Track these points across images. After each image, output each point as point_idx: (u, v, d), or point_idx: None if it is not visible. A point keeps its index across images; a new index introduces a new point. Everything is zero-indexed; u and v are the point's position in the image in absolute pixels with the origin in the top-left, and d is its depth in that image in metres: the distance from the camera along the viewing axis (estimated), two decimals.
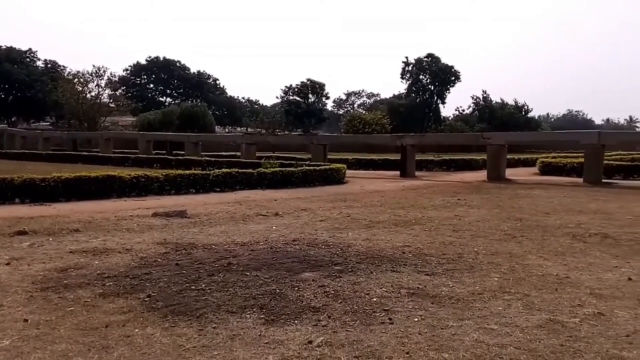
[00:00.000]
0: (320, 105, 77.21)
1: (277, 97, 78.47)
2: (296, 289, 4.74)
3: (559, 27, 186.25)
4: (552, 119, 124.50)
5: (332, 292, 4.65)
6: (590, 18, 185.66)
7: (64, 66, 67.11)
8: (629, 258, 6.10)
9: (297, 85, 73.68)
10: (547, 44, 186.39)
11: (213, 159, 22.28)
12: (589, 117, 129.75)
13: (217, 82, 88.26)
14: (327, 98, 79.91)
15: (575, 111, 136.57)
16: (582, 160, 19.08)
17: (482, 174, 19.84)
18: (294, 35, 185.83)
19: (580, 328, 3.76)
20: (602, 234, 7.69)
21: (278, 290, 4.67)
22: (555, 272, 5.39)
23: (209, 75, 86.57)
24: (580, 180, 17.48)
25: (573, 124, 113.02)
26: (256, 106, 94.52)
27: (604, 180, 17.34)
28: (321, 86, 74.15)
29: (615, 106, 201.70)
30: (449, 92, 71.49)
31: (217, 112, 76.60)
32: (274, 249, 6.52)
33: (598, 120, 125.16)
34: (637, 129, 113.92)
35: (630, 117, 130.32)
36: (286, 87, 74.18)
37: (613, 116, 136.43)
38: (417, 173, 21.40)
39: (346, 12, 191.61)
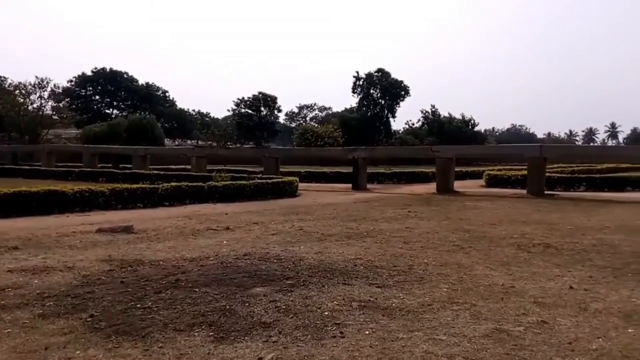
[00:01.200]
0: (272, 118, 77.23)
1: (228, 110, 77.82)
2: (247, 304, 4.65)
3: (503, 45, 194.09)
4: (498, 133, 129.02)
5: (284, 306, 4.59)
6: (531, 39, 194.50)
7: (4, 77, 64.34)
8: (570, 267, 6.33)
9: (249, 98, 73.46)
10: (492, 61, 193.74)
11: (162, 173, 21.81)
12: (531, 131, 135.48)
13: (167, 94, 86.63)
14: (280, 111, 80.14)
15: (519, 125, 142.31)
16: (525, 172, 19.79)
17: (431, 186, 20.26)
18: (246, 48, 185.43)
19: (524, 336, 3.86)
20: (545, 243, 7.96)
21: (228, 307, 4.57)
22: (501, 282, 5.52)
23: (158, 87, 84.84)
24: (524, 191, 18.11)
25: (517, 137, 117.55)
26: (207, 119, 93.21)
27: (546, 192, 18.02)
28: (273, 99, 74.25)
29: (555, 121, 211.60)
30: (399, 106, 73.26)
31: (166, 125, 75.14)
32: (224, 264, 6.40)
33: (540, 134, 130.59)
34: (576, 143, 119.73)
35: (570, 131, 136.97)
36: (238, 99, 73.84)
37: (554, 130, 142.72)
38: (369, 185, 21.63)
39: (299, 26, 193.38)
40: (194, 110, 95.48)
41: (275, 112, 77.72)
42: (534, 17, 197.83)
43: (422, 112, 72.89)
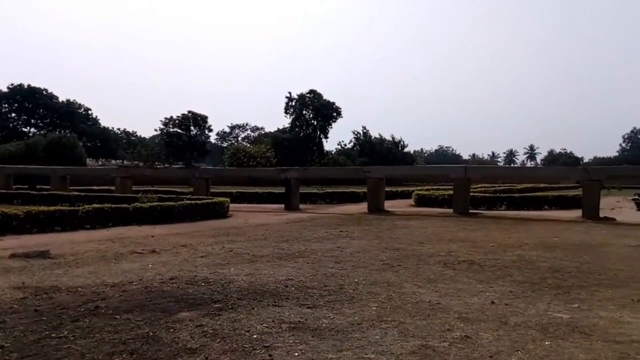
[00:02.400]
0: (203, 137, 75.84)
1: (156, 129, 75.43)
2: (171, 330, 4.48)
3: (432, 72, 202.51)
4: (426, 154, 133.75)
5: (211, 331, 4.46)
6: (457, 68, 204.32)
7: None
8: (492, 283, 6.58)
9: (178, 117, 71.69)
10: (422, 86, 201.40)
11: (83, 194, 20.76)
12: (457, 153, 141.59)
13: (90, 112, 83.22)
14: (210, 130, 78.86)
15: (446, 147, 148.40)
16: (452, 192, 20.53)
17: (363, 206, 20.58)
18: (174, 66, 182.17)
19: (449, 352, 3.94)
20: (470, 260, 8.25)
21: (151, 333, 4.37)
22: (428, 299, 5.65)
23: (79, 104, 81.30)
24: (451, 210, 18.76)
25: (444, 158, 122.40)
26: (133, 138, 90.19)
27: (470, 211, 18.77)
28: (203, 118, 72.98)
29: (479, 143, 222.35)
30: (331, 127, 74.32)
31: (89, 144, 72.08)
32: (148, 288, 6.14)
33: (465, 156, 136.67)
34: (498, 164, 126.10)
35: (493, 153, 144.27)
36: (166, 118, 71.66)
37: (478, 151, 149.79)
38: (301, 206, 21.67)
39: (231, 44, 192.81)
40: (119, 129, 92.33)
41: (206, 131, 76.41)
42: (461, 46, 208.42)
43: (354, 133, 74.35)
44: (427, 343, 4.14)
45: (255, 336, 4.33)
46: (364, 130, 73.30)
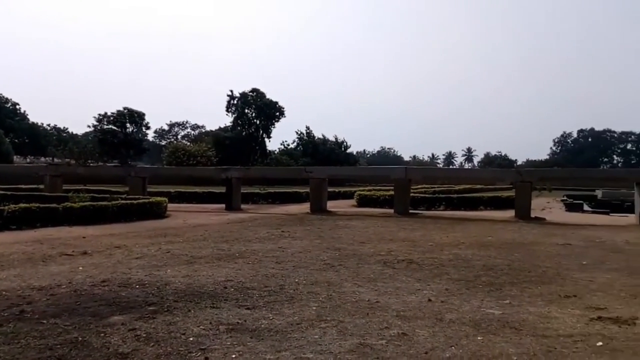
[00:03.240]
0: (140, 135, 73.61)
1: (89, 126, 72.22)
2: (102, 335, 4.29)
3: (372, 72, 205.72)
4: (369, 155, 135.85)
5: (144, 335, 4.31)
6: (398, 66, 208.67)
7: None
8: (429, 281, 6.73)
9: (113, 113, 69.05)
10: (362, 86, 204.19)
11: (9, 193, 19.60)
12: (399, 154, 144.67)
13: (18, 106, 78.99)
14: (148, 128, 76.71)
15: (388, 148, 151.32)
16: (393, 193, 20.90)
17: (305, 206, 20.60)
18: (109, 61, 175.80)
19: (386, 349, 3.99)
20: (409, 260, 8.40)
21: (80, 338, 4.17)
22: (368, 298, 5.70)
23: (7, 98, 77.02)
24: (392, 211, 19.08)
25: (386, 159, 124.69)
26: (65, 134, 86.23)
27: (411, 211, 19.17)
28: (140, 115, 70.77)
29: (420, 144, 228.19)
30: (274, 127, 73.91)
31: (16, 140, 68.40)
32: (78, 292, 5.87)
33: (406, 157, 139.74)
34: (438, 165, 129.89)
35: (433, 155, 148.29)
36: (100, 114, 68.81)
37: (419, 153, 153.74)
38: (243, 206, 21.42)
39: (171, 39, 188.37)
40: (49, 125, 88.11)
41: (143, 129, 74.20)
42: (404, 50, 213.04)
43: (297, 133, 74.31)
44: (365, 341, 4.17)
45: (191, 339, 4.22)
46: (307, 131, 73.48)
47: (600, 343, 4.17)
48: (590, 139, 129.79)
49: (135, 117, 70.13)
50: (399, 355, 3.85)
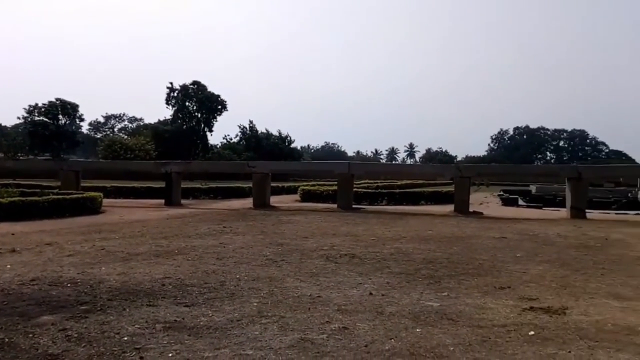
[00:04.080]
0: (73, 127, 70.40)
1: (19, 118, 68.31)
2: (30, 335, 4.06)
3: (316, 67, 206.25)
4: (313, 150, 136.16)
5: (75, 335, 4.11)
6: (342, 62, 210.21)
7: None
8: (371, 275, 6.78)
9: (44, 104, 65.58)
10: (306, 81, 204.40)
11: None
12: (343, 149, 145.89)
13: None
14: (82, 120, 73.51)
15: (332, 143, 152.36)
16: (336, 188, 21.01)
17: (248, 201, 20.37)
18: (41, 49, 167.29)
19: (327, 343, 3.98)
20: (351, 254, 8.45)
21: (7, 339, 3.94)
22: (310, 293, 5.68)
23: None
24: (335, 206, 19.19)
25: (330, 154, 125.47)
26: None
27: (354, 206, 19.34)
28: (74, 107, 67.59)
29: (363, 140, 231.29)
30: (216, 121, 72.49)
31: None
32: (5, 291, 5.53)
33: (350, 152, 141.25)
34: (381, 161, 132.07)
35: (376, 150, 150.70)
36: (30, 106, 65.08)
37: (362, 149, 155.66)
38: (183, 201, 20.94)
39: (108, 28, 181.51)
40: None
41: (77, 121, 70.97)
42: (347, 47, 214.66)
43: (240, 127, 73.33)
44: (306, 336, 4.15)
45: (125, 338, 4.06)
46: (251, 125, 72.60)
47: (532, 332, 4.33)
48: (525, 136, 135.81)
49: (68, 109, 66.86)
50: (339, 349, 3.85)
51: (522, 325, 4.53)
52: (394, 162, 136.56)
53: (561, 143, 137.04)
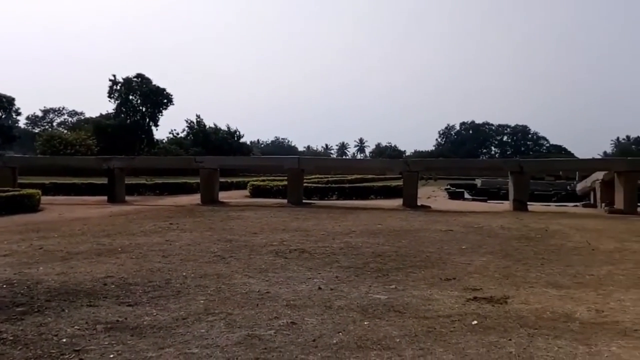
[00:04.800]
0: (9, 122, 67.14)
1: None
2: None
3: (264, 61, 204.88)
4: (262, 145, 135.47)
5: (11, 337, 3.91)
6: (291, 57, 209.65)
7: None
8: (320, 270, 6.78)
9: None
10: (255, 75, 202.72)
11: None
12: (293, 144, 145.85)
13: None
14: (19, 114, 70.25)
15: (282, 138, 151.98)
16: (286, 183, 20.92)
17: (196, 197, 20.01)
18: None
19: (275, 339, 3.95)
20: (301, 249, 8.43)
21: None
22: (258, 289, 5.62)
23: None
24: (285, 201, 19.10)
25: (280, 149, 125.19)
26: None
27: (304, 201, 19.31)
28: (9, 100, 64.49)
29: (314, 134, 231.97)
30: (161, 115, 70.79)
31: None
32: None
33: (300, 147, 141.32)
34: (331, 156, 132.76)
35: (326, 145, 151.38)
36: None
37: (312, 143, 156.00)
38: (127, 198, 20.32)
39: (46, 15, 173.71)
40: None
41: (13, 115, 67.73)
42: (300, 41, 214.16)
43: (187, 121, 71.84)
44: (254, 332, 4.09)
45: (64, 340, 3.90)
46: (198, 119, 71.33)
47: (475, 322, 4.44)
48: (471, 131, 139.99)
49: (3, 102, 63.69)
50: (287, 345, 3.82)
51: (466, 315, 4.64)
52: (344, 156, 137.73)
53: (505, 138, 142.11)
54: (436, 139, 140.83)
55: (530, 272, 6.69)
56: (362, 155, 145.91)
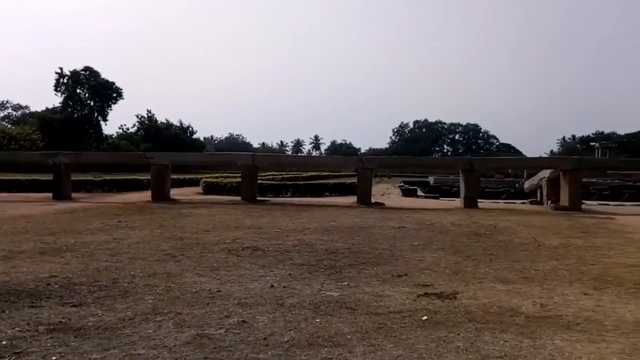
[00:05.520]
0: None
1: None
2: None
3: (217, 55, 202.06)
4: (216, 141, 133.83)
5: None
6: (245, 52, 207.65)
7: None
8: (273, 267, 6.73)
9: None
10: (209, 69, 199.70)
11: None
12: (248, 141, 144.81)
13: None
14: None
15: (237, 134, 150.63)
16: (240, 180, 20.71)
17: (147, 194, 19.52)
18: None
19: (225, 338, 3.88)
20: (254, 247, 8.34)
21: None
22: (209, 287, 5.52)
23: None
24: (239, 198, 18.91)
25: (235, 146, 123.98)
26: None
27: (258, 198, 19.17)
28: None
29: (269, 131, 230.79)
30: (111, 109, 68.90)
31: None
32: None
33: (256, 144, 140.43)
34: (287, 152, 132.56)
35: (282, 142, 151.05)
36: None
37: (268, 140, 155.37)
38: (74, 195, 19.62)
39: None
40: None
41: None
42: (254, 36, 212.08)
43: (137, 116, 70.03)
44: (203, 332, 4.02)
45: (4, 342, 3.72)
46: (149, 114, 69.67)
47: (425, 317, 4.51)
48: (424, 130, 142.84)
49: None
50: (237, 343, 3.77)
51: (417, 311, 4.70)
52: (299, 154, 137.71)
53: (457, 136, 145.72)
54: (390, 137, 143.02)
55: (479, 268, 6.85)
56: (317, 152, 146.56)
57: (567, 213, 15.59)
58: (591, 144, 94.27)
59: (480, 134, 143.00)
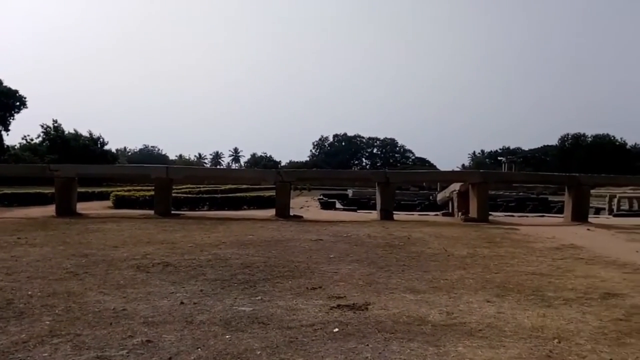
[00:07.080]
0: None
1: None
2: None
3: (132, 65, 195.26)
4: (130, 153, 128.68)
5: None
6: (165, 62, 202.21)
7: None
8: (185, 283, 6.51)
9: None
10: (122, 77, 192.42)
11: None
12: (164, 153, 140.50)
13: None
14: None
15: (152, 146, 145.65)
16: (153, 193, 19.98)
17: (50, 209, 18.33)
18: None
19: (126, 359, 3.69)
20: (165, 262, 8.04)
21: None
22: (113, 306, 5.24)
23: None
24: (152, 212, 18.23)
25: (150, 158, 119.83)
26: None
27: (173, 212, 18.56)
28: None
29: (186, 143, 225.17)
30: (13, 119, 64.38)
31: None
32: None
33: (172, 156, 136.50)
34: (205, 165, 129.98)
35: (200, 154, 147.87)
36: None
37: (185, 152, 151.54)
38: None
39: None
40: None
41: None
42: (168, 45, 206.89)
43: (42, 126, 65.72)
44: (104, 354, 3.79)
45: None
46: (55, 124, 65.59)
47: (336, 329, 4.53)
48: (343, 143, 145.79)
49: None
50: None
51: (328, 323, 4.72)
52: (218, 166, 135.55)
53: (375, 150, 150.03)
54: (311, 150, 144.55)
55: (391, 279, 7.01)
56: (237, 165, 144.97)
57: (475, 224, 16.41)
58: (499, 158, 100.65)
59: (397, 148, 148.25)
